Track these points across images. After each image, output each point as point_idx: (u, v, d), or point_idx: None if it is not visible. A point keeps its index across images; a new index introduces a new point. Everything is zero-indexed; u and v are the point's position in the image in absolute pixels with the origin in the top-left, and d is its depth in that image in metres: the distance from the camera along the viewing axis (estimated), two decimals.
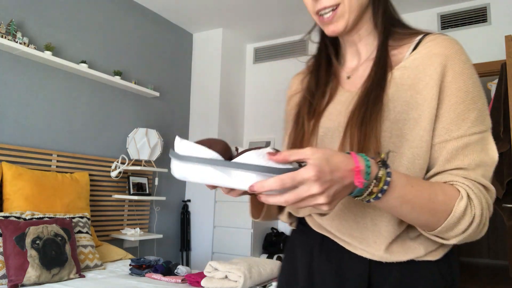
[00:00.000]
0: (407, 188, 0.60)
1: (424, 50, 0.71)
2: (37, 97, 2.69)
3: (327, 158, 0.53)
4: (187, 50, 4.09)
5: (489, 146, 0.66)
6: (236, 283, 1.93)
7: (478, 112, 0.66)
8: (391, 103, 0.69)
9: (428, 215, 0.62)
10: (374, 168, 0.57)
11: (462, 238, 0.64)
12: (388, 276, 0.70)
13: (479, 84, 0.68)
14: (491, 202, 0.64)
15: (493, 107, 2.80)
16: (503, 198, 2.73)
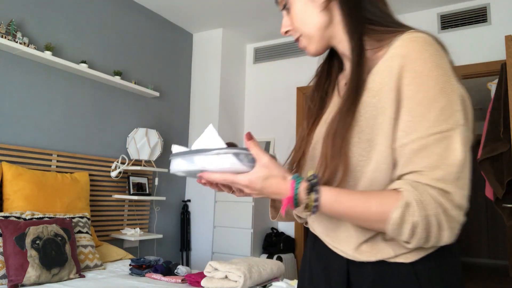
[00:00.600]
0: (335, 205, 0.66)
1: (391, 52, 0.70)
2: (37, 97, 2.69)
3: (266, 177, 0.67)
4: (187, 50, 4.08)
5: (454, 146, 0.64)
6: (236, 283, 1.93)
7: (439, 111, 0.64)
8: (362, 108, 0.70)
9: (366, 223, 0.67)
10: (302, 197, 0.66)
11: (417, 244, 0.64)
12: (364, 275, 0.72)
13: (445, 80, 0.66)
14: (451, 205, 0.62)
15: (493, 107, 2.80)
16: (503, 198, 2.73)
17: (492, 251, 7.53)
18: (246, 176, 0.68)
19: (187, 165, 0.70)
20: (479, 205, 7.73)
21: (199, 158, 0.69)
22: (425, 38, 0.68)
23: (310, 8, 0.79)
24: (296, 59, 4.02)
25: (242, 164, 0.68)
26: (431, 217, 0.61)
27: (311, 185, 0.66)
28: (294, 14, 0.81)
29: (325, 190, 0.67)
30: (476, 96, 5.33)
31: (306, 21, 0.80)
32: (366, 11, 0.76)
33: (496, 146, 2.72)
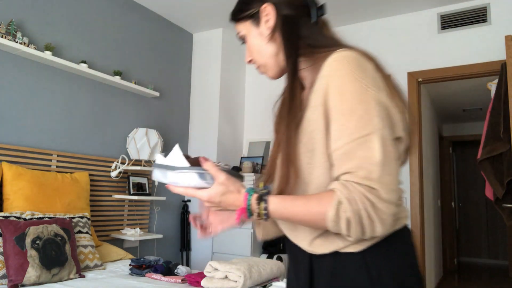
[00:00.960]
0: (282, 211, 0.77)
1: (321, 73, 0.81)
2: (37, 97, 2.69)
3: (223, 193, 0.79)
4: (187, 50, 4.08)
5: (373, 147, 0.72)
6: (236, 283, 1.93)
7: (357, 119, 0.74)
8: (306, 123, 0.82)
9: (311, 224, 0.77)
10: (253, 207, 0.78)
11: (355, 236, 0.73)
12: (323, 266, 0.83)
13: (361, 91, 0.75)
14: (377, 199, 0.70)
15: (493, 107, 2.80)
16: (503, 198, 2.73)
17: (492, 251, 7.53)
18: (205, 192, 0.80)
19: (162, 177, 0.84)
20: (479, 205, 7.73)
21: (170, 173, 0.82)
22: (345, 56, 0.78)
23: (259, 41, 0.92)
24: None
25: (205, 181, 0.81)
26: (361, 211, 0.70)
27: (260, 195, 0.78)
28: (250, 47, 0.95)
29: (272, 198, 0.78)
30: (476, 96, 5.33)
31: (259, 52, 0.93)
32: (303, 37, 0.88)
33: (496, 146, 2.72)
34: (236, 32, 0.97)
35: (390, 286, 0.77)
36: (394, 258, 0.79)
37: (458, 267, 6.92)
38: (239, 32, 0.96)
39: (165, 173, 0.82)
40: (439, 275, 5.72)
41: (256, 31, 0.92)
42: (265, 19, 0.90)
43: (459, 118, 6.62)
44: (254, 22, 0.92)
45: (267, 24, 0.90)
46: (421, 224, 3.29)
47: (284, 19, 0.89)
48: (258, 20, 0.91)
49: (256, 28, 0.92)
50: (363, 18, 3.65)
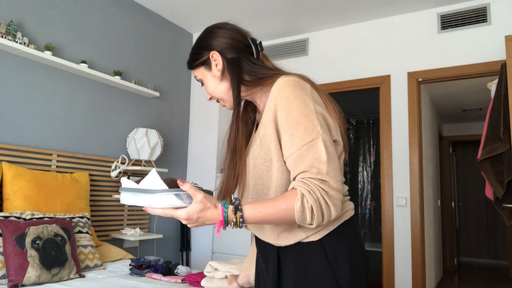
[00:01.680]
0: (256, 215, 0.89)
1: (270, 96, 1.00)
2: (37, 97, 2.69)
3: (201, 209, 0.88)
4: (187, 50, 4.08)
5: (318, 149, 0.90)
6: None
7: (303, 129, 0.92)
8: (263, 139, 1.00)
9: (281, 220, 0.90)
10: (231, 217, 0.88)
11: (317, 222, 0.89)
12: (290, 254, 1.02)
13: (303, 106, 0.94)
14: (329, 188, 0.88)
15: (493, 107, 2.79)
16: (503, 198, 2.73)
17: (492, 251, 7.53)
18: (183, 211, 0.88)
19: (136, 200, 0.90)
20: (479, 205, 7.73)
21: (145, 196, 0.88)
22: (287, 80, 0.98)
23: (214, 81, 1.09)
24: (296, 59, 4.02)
25: (182, 201, 0.88)
26: (320, 199, 0.87)
27: (235, 206, 0.89)
28: (207, 87, 1.12)
29: (245, 207, 0.90)
30: (476, 96, 5.33)
31: (215, 90, 1.10)
32: (248, 71, 1.07)
33: (496, 146, 2.72)
34: (194, 76, 1.15)
35: (343, 264, 0.97)
36: (345, 242, 1.00)
37: (458, 267, 6.91)
38: (196, 77, 1.14)
39: (138, 196, 0.89)
40: (439, 275, 5.72)
41: (209, 74, 1.09)
42: (215, 64, 1.08)
43: (459, 118, 6.62)
44: (206, 67, 1.10)
45: (217, 68, 1.07)
46: (421, 224, 3.29)
47: (230, 61, 1.07)
48: (209, 65, 1.09)
49: (209, 72, 1.09)
50: (363, 18, 3.65)
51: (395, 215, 3.36)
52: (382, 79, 3.55)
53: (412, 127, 3.39)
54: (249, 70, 1.08)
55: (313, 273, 0.97)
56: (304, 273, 0.98)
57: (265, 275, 1.09)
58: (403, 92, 3.46)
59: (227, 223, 0.89)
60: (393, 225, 3.36)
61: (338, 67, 3.78)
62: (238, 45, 1.09)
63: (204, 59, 1.09)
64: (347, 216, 1.02)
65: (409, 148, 3.38)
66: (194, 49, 1.13)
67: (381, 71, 3.57)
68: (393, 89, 3.51)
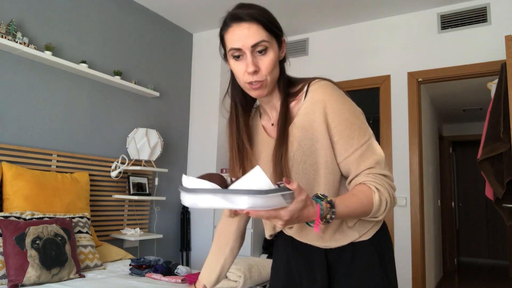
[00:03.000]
0: (345, 210, 0.89)
1: (310, 99, 1.00)
2: (37, 97, 2.69)
3: (302, 208, 0.80)
4: (187, 50, 4.08)
5: (375, 147, 0.97)
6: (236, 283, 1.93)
7: (358, 130, 0.96)
8: (302, 142, 1.00)
9: (361, 214, 0.94)
10: (325, 213, 0.85)
11: (384, 214, 0.94)
12: (340, 257, 1.03)
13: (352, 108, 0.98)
14: (392, 183, 0.95)
15: (493, 107, 2.79)
16: (503, 198, 2.73)
17: (492, 251, 7.53)
18: (286, 211, 0.78)
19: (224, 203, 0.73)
20: (479, 205, 7.73)
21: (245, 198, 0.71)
22: (328, 83, 1.00)
23: (276, 61, 1.00)
24: (296, 59, 4.02)
25: (285, 201, 0.77)
26: (390, 193, 0.93)
27: (329, 202, 0.87)
28: (269, 61, 0.97)
29: (337, 202, 0.88)
30: (476, 96, 5.32)
31: (273, 70, 1.00)
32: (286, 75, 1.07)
33: (496, 146, 2.72)
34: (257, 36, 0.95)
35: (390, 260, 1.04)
36: (388, 240, 1.07)
37: (458, 267, 6.91)
38: (263, 40, 0.95)
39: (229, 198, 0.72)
40: (439, 275, 5.72)
41: (277, 50, 1.00)
42: (282, 47, 1.03)
43: (459, 118, 6.62)
44: (278, 42, 1.01)
45: (283, 51, 1.04)
46: (421, 224, 3.29)
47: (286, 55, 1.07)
48: (281, 44, 1.02)
49: (277, 49, 1.00)
50: (363, 18, 3.65)
51: (395, 215, 3.36)
52: (382, 79, 3.55)
53: (412, 127, 3.39)
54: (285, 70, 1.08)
55: (366, 272, 1.01)
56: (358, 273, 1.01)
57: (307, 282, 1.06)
58: (403, 92, 3.46)
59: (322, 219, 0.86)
60: (393, 225, 3.36)
61: (338, 67, 3.77)
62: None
63: (280, 35, 1.01)
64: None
65: (409, 148, 3.38)
66: (274, 18, 1.01)
67: (381, 71, 3.57)
68: (393, 89, 3.51)
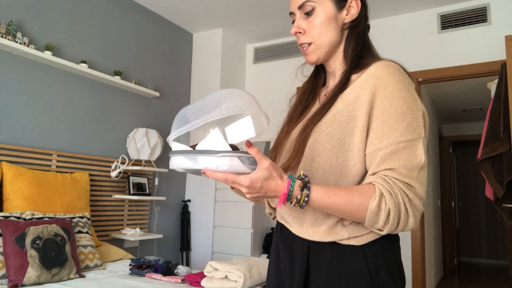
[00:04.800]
0: (324, 200, 0.78)
1: (367, 73, 0.87)
2: (37, 97, 2.69)
3: (266, 178, 0.75)
4: (187, 50, 4.08)
5: (417, 152, 0.80)
6: (236, 283, 1.93)
7: (406, 124, 0.80)
8: (337, 114, 0.86)
9: (350, 215, 0.79)
10: (296, 193, 0.77)
11: (390, 229, 0.78)
12: (322, 257, 0.87)
13: (411, 100, 0.82)
14: (414, 196, 0.77)
15: (493, 107, 2.79)
16: (503, 198, 2.73)
17: (492, 251, 7.53)
18: (247, 177, 0.75)
19: (190, 164, 0.77)
20: (479, 205, 7.73)
21: (203, 158, 0.75)
22: (396, 65, 0.86)
23: (332, 24, 0.91)
24: (296, 59, 4.02)
25: (245, 167, 0.76)
26: (400, 205, 0.76)
27: (304, 183, 0.78)
28: (316, 23, 0.91)
29: (315, 187, 0.79)
30: (476, 96, 5.32)
31: (325, 33, 0.92)
32: (362, 46, 0.94)
33: (496, 146, 2.72)
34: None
35: (387, 281, 0.83)
36: (392, 256, 0.87)
37: (458, 267, 6.91)
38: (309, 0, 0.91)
39: (195, 159, 0.76)
40: (439, 275, 5.72)
41: (334, 12, 0.91)
42: (350, 8, 0.92)
43: (459, 118, 6.62)
44: (337, 4, 0.91)
45: (350, 13, 0.92)
46: (421, 224, 3.29)
47: (363, 18, 0.94)
48: (343, 5, 0.92)
49: (335, 10, 0.91)
50: None
51: None
52: None
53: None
54: (365, 43, 0.95)
55: (348, 283, 0.83)
56: (339, 280, 0.84)
57: (289, 275, 0.93)
58: None
59: (289, 199, 0.78)
60: None
61: None
62: (367, 14, 0.97)
63: None
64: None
65: None
66: None
67: None
68: None
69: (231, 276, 1.96)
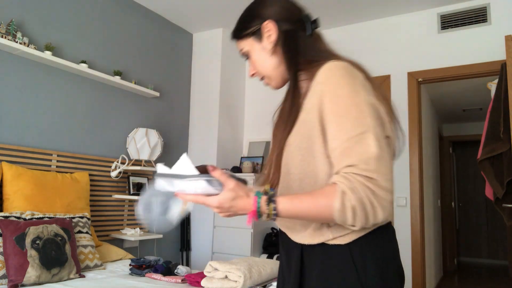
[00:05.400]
0: (291, 209, 0.82)
1: (315, 79, 0.90)
2: (37, 97, 2.69)
3: (233, 198, 0.83)
4: (187, 50, 4.08)
5: (368, 143, 0.80)
6: (236, 283, 1.93)
7: (353, 119, 0.82)
8: (302, 124, 0.91)
9: (320, 218, 0.83)
10: (263, 209, 0.83)
11: (360, 224, 0.79)
12: (314, 257, 0.91)
13: (354, 95, 0.84)
14: (376, 187, 0.78)
15: (493, 107, 2.79)
16: (503, 198, 2.73)
17: (492, 251, 7.53)
18: (215, 198, 0.83)
19: (169, 187, 0.86)
20: (479, 205, 7.73)
21: (178, 181, 0.83)
22: (337, 65, 0.88)
23: (263, 55, 1.01)
24: None
25: (214, 188, 0.83)
26: (364, 199, 0.77)
27: (269, 197, 0.83)
28: (255, 61, 1.03)
29: (280, 199, 0.83)
30: (476, 96, 5.32)
31: (263, 65, 1.02)
32: (300, 51, 0.97)
33: (496, 146, 2.72)
34: (238, 49, 1.05)
35: (374, 275, 0.85)
36: (378, 251, 0.88)
37: (458, 267, 6.91)
38: (242, 49, 1.04)
39: (171, 181, 0.84)
40: (439, 275, 5.72)
41: (259, 46, 1.01)
42: (267, 35, 0.99)
43: (459, 118, 6.62)
44: (256, 38, 1.01)
45: (270, 39, 0.99)
46: (421, 224, 3.29)
47: (285, 34, 0.98)
48: (260, 36, 1.00)
49: (259, 43, 1.01)
50: (363, 18, 3.65)
51: (395, 215, 3.36)
52: (382, 79, 3.55)
53: (412, 127, 3.39)
54: (303, 50, 0.98)
55: (337, 281, 0.87)
56: (328, 279, 0.88)
57: (287, 276, 1.00)
58: (403, 92, 3.46)
59: (260, 215, 0.83)
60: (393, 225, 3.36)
61: None
62: (294, 18, 1.00)
63: (255, 29, 1.00)
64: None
65: (409, 148, 3.38)
66: (243, 17, 1.03)
67: (381, 71, 3.57)
68: (393, 89, 3.51)
69: (231, 276, 1.96)
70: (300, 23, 1.00)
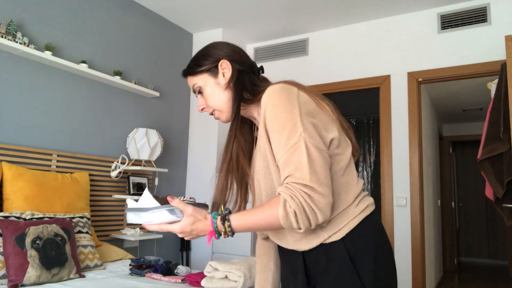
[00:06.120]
0: (244, 223, 0.93)
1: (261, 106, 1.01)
2: (37, 97, 2.69)
3: (192, 222, 0.94)
4: (187, 50, 4.08)
5: (301, 152, 0.90)
6: (236, 283, 1.93)
7: (287, 134, 0.92)
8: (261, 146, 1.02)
9: (269, 227, 0.93)
10: (220, 228, 0.94)
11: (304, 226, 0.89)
12: (317, 260, 1.00)
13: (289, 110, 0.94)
14: (313, 192, 0.87)
15: (493, 107, 2.79)
16: (503, 198, 2.73)
17: (492, 251, 7.53)
18: (177, 225, 0.94)
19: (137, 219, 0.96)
20: (479, 205, 7.73)
21: (143, 214, 0.95)
22: (273, 88, 0.99)
23: (216, 89, 1.11)
24: (296, 59, 4.02)
25: (176, 216, 0.94)
26: (302, 203, 0.86)
27: (223, 216, 0.94)
28: (207, 96, 1.12)
29: (232, 216, 0.94)
30: (476, 96, 5.32)
31: (217, 97, 1.11)
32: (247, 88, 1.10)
33: (496, 146, 2.72)
34: (191, 84, 1.16)
35: (367, 261, 0.96)
36: (368, 239, 0.98)
37: (458, 267, 6.91)
38: (195, 84, 1.14)
39: (138, 214, 0.96)
40: (439, 275, 5.72)
41: (213, 81, 1.11)
42: (222, 72, 1.10)
43: (459, 118, 6.62)
44: (211, 74, 1.11)
45: (225, 76, 1.10)
46: (421, 224, 3.29)
47: (238, 73, 1.10)
48: (216, 72, 1.11)
49: (214, 79, 1.11)
50: (363, 18, 3.65)
51: (395, 215, 3.36)
52: (382, 79, 3.55)
53: (412, 127, 3.39)
54: (250, 87, 1.10)
55: (337, 273, 0.96)
56: (331, 276, 0.97)
57: (292, 281, 1.08)
58: (403, 92, 3.46)
59: (218, 234, 0.94)
60: (393, 225, 3.36)
61: (338, 67, 3.77)
62: (245, 61, 1.13)
63: (211, 67, 1.11)
64: (367, 211, 1.01)
65: (409, 148, 3.38)
66: (199, 56, 1.14)
67: (381, 71, 3.57)
68: (393, 89, 3.51)
69: (231, 276, 1.96)
70: (250, 67, 1.13)
